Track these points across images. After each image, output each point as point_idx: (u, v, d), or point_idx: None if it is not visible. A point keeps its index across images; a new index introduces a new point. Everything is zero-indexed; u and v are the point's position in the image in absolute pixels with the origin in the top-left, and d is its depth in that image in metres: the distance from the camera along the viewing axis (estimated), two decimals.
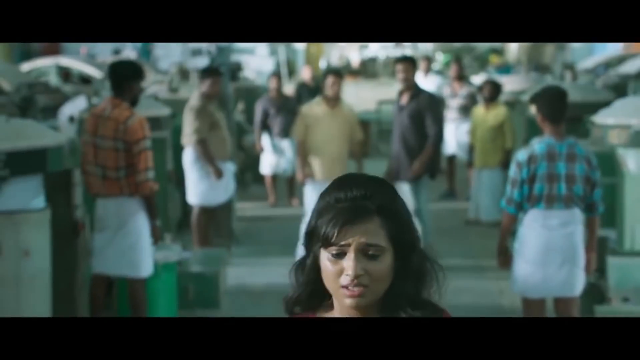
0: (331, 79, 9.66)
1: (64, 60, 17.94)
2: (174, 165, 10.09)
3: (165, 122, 9.68)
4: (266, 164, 13.10)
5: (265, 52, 32.43)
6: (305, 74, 16.47)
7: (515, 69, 20.67)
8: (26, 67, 17.58)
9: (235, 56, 19.82)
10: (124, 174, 7.03)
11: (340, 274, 2.36)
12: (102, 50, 21.69)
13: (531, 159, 6.37)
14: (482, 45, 33.25)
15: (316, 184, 9.32)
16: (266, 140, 13.04)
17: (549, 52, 25.36)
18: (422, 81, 14.52)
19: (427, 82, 15.36)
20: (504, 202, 6.54)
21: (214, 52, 11.79)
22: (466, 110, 13.25)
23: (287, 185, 13.40)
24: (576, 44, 24.56)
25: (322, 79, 10.53)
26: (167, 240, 7.81)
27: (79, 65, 17.50)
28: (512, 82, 14.24)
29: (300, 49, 40.41)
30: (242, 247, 10.66)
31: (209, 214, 10.08)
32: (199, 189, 9.89)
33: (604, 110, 8.39)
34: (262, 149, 13.05)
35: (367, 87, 34.87)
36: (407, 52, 29.25)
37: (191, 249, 9.29)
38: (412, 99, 9.57)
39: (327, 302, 2.45)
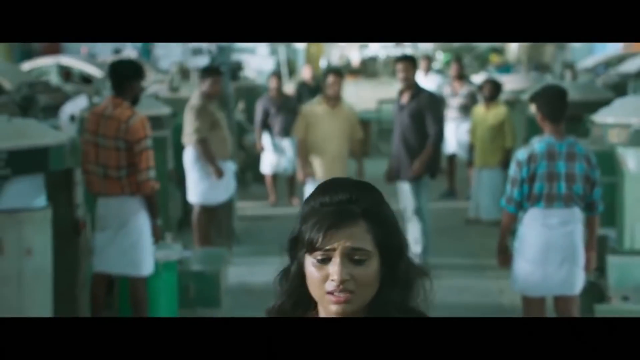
0: (331, 79, 9.67)
1: (65, 59, 17.95)
2: (174, 164, 10.10)
3: (166, 122, 9.70)
4: (267, 164, 13.10)
5: (265, 52, 32.47)
6: (305, 74, 16.47)
7: (515, 68, 20.67)
8: (27, 66, 17.59)
9: (235, 55, 19.83)
10: (125, 173, 7.03)
11: (325, 280, 2.28)
12: (103, 49, 21.71)
13: (531, 158, 6.38)
14: (483, 44, 33.24)
15: (317, 183, 9.30)
16: (267, 139, 13.05)
17: (549, 52, 25.38)
18: (423, 80, 14.53)
19: (427, 81, 15.37)
20: (503, 201, 6.54)
21: (214, 51, 11.80)
22: (466, 109, 13.25)
23: (288, 184, 13.41)
24: (576, 44, 24.56)
25: (322, 78, 10.54)
26: (167, 239, 7.82)
27: (80, 64, 17.52)
28: (512, 81, 14.23)
29: (300, 48, 40.43)
30: (242, 246, 10.67)
31: (210, 213, 10.09)
32: (199, 188, 9.90)
33: (603, 109, 8.41)
34: (263, 149, 13.06)
35: (367, 86, 34.87)
36: (408, 52, 29.26)
37: (192, 248, 9.30)
38: (413, 98, 9.57)
39: (311, 312, 2.37)
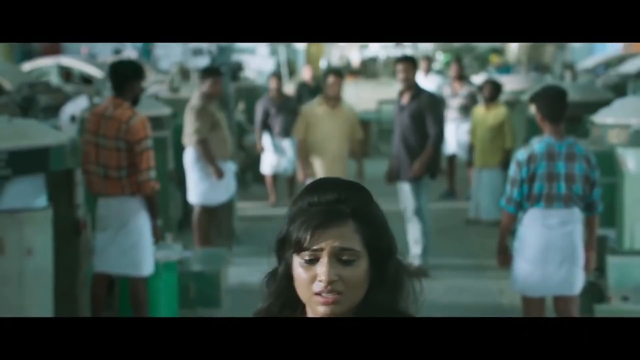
0: (332, 79, 9.68)
1: (65, 60, 17.96)
2: (175, 164, 10.11)
3: (166, 122, 9.71)
4: (267, 164, 13.11)
5: (265, 52, 32.50)
6: (305, 74, 16.48)
7: (515, 69, 20.67)
8: (27, 67, 17.61)
9: (236, 56, 19.85)
10: (125, 173, 7.04)
11: (313, 281, 2.23)
12: (103, 50, 21.73)
13: (531, 159, 6.39)
14: (483, 45, 33.24)
15: None
16: (267, 140, 13.06)
17: (549, 52, 25.38)
18: (423, 81, 14.54)
19: (427, 81, 15.38)
20: (503, 202, 6.55)
21: (214, 52, 11.80)
22: (466, 110, 13.26)
23: (288, 184, 13.42)
24: (576, 44, 24.57)
25: (322, 78, 10.56)
26: (168, 239, 7.82)
27: (80, 65, 17.53)
28: (512, 81, 14.25)
29: (300, 49, 40.44)
30: (242, 246, 10.68)
31: (210, 213, 10.10)
32: (199, 188, 9.90)
33: (603, 110, 8.42)
34: (263, 149, 13.07)
35: (367, 86, 34.86)
36: (408, 52, 29.26)
37: (192, 248, 9.31)
38: (413, 99, 9.56)
39: (300, 314, 2.32)
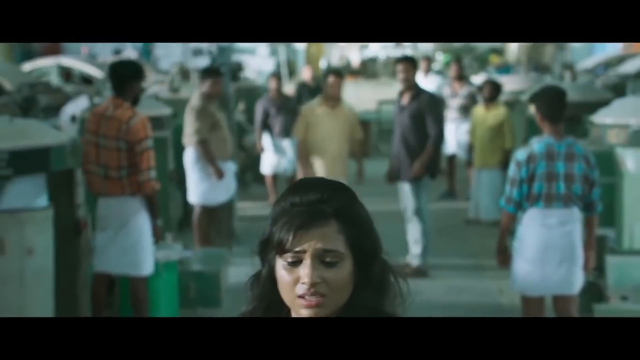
0: (331, 79, 9.69)
1: (65, 60, 17.97)
2: (175, 165, 10.12)
3: (166, 122, 9.72)
4: (267, 164, 13.12)
5: (265, 52, 32.51)
6: (305, 74, 16.49)
7: (515, 69, 20.68)
8: (27, 67, 17.62)
9: (236, 56, 19.85)
10: (125, 173, 7.05)
11: (296, 283, 2.18)
12: (103, 50, 21.73)
13: (530, 158, 6.40)
14: (482, 45, 33.26)
15: None
16: (267, 140, 13.07)
17: (549, 52, 25.39)
18: (422, 81, 14.54)
19: (427, 82, 15.38)
20: (503, 201, 6.56)
21: (214, 52, 11.81)
22: (466, 110, 13.27)
23: (288, 185, 13.40)
24: (576, 44, 24.58)
25: (322, 79, 10.57)
26: (168, 239, 7.84)
27: (80, 65, 17.53)
28: (511, 82, 14.26)
29: (300, 49, 40.44)
30: (242, 246, 10.68)
31: (210, 213, 10.10)
32: (200, 188, 9.91)
33: (602, 110, 8.44)
34: (263, 149, 13.08)
35: (367, 87, 34.85)
36: (407, 52, 29.25)
37: (192, 248, 9.31)
38: (413, 99, 9.57)
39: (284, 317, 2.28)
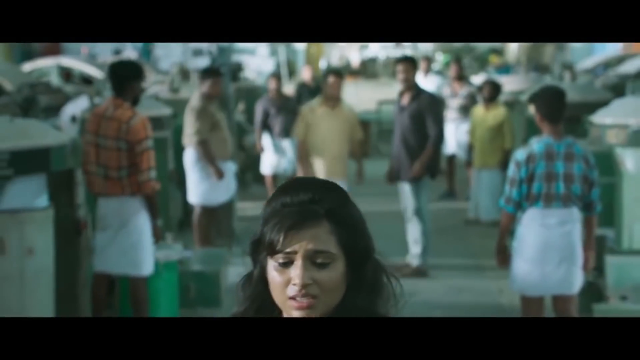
0: (331, 79, 9.70)
1: (65, 60, 17.97)
2: (175, 165, 10.13)
3: (166, 122, 9.74)
4: (267, 164, 13.13)
5: (265, 53, 32.52)
6: (305, 74, 16.50)
7: (514, 69, 20.71)
8: (27, 67, 17.62)
9: (236, 56, 19.87)
10: (125, 173, 7.06)
11: (287, 285, 2.16)
12: (103, 50, 21.73)
13: (530, 158, 6.41)
14: (482, 45, 33.26)
15: None
16: (267, 140, 13.07)
17: (549, 53, 25.41)
18: (422, 81, 14.55)
19: (426, 82, 15.39)
20: (502, 201, 6.56)
21: (214, 52, 11.82)
22: (466, 110, 13.27)
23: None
24: (576, 44, 24.59)
25: (322, 79, 10.57)
26: (168, 239, 7.84)
27: (80, 65, 17.54)
28: (511, 82, 14.28)
29: (300, 49, 40.45)
30: (242, 246, 10.66)
31: (210, 213, 10.11)
32: (200, 189, 9.92)
33: (602, 110, 8.45)
34: (263, 149, 13.09)
35: (367, 87, 34.87)
36: (407, 53, 29.25)
37: (192, 248, 9.32)
38: (413, 99, 9.57)
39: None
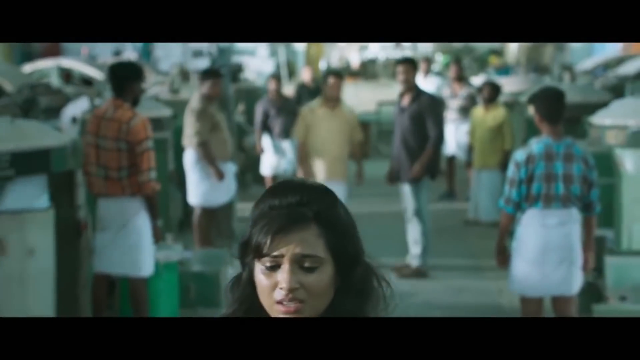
0: (331, 80, 9.70)
1: (65, 61, 17.96)
2: (175, 165, 10.14)
3: (166, 123, 9.75)
4: (267, 165, 13.14)
5: (265, 54, 32.49)
6: (305, 75, 16.50)
7: (514, 70, 20.71)
8: (27, 68, 17.61)
9: (235, 57, 19.86)
10: (126, 174, 7.07)
11: (274, 288, 2.12)
12: (103, 51, 21.73)
13: (529, 159, 6.41)
14: (482, 46, 33.24)
15: None
16: (267, 141, 13.08)
17: (548, 53, 25.41)
18: (422, 82, 14.56)
19: (426, 83, 15.40)
20: (502, 202, 6.57)
21: (214, 53, 11.83)
22: (466, 111, 13.29)
23: None
24: (575, 45, 24.60)
25: (322, 80, 10.57)
26: (168, 240, 7.85)
27: (80, 66, 17.53)
28: (511, 83, 14.29)
29: (300, 50, 40.43)
30: None
31: (210, 214, 10.12)
32: (200, 189, 9.93)
33: (601, 111, 8.46)
34: (263, 150, 13.10)
35: (367, 88, 34.82)
36: (407, 53, 29.26)
37: (192, 248, 9.32)
38: (413, 100, 9.58)
39: None
